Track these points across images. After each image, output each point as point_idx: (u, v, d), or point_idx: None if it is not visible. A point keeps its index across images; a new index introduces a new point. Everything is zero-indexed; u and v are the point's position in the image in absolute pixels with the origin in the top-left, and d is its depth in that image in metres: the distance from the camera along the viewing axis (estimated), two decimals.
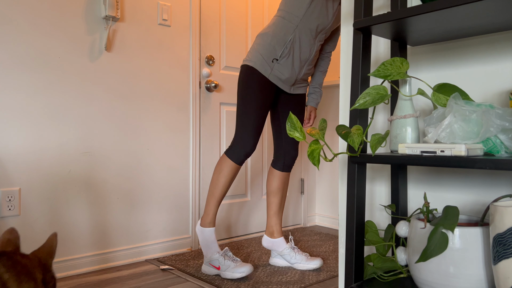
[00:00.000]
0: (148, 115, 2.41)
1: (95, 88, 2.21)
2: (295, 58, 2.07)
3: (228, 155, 2.06)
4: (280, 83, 2.09)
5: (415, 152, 1.01)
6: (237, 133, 2.05)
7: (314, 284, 1.96)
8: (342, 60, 1.52)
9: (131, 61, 2.34)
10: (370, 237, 1.20)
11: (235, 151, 2.04)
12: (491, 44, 1.18)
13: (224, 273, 2.02)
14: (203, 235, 2.09)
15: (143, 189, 2.38)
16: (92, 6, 2.20)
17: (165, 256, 2.43)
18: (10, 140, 1.95)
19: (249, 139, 2.03)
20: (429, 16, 1.01)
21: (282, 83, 2.10)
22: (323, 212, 3.31)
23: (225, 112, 2.78)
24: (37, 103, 2.03)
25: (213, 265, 2.06)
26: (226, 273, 2.02)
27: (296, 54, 2.07)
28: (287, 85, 2.13)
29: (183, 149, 2.56)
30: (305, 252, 2.37)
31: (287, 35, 2.04)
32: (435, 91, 1.09)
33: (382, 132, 1.45)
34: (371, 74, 1.08)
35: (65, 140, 2.11)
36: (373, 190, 1.46)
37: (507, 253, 0.86)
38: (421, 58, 1.33)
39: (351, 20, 1.49)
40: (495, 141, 0.97)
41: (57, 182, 2.08)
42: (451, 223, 0.94)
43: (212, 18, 2.71)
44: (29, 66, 2.00)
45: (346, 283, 1.13)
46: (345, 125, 1.11)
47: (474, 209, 1.21)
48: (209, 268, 2.09)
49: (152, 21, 2.42)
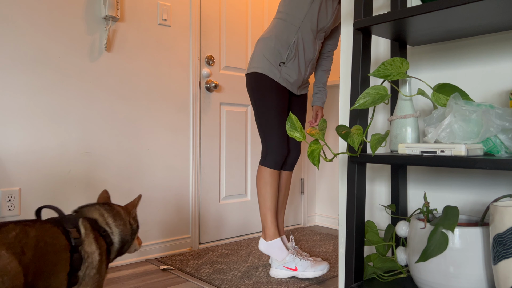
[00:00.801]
0: (148, 115, 2.41)
1: (95, 88, 2.21)
2: (300, 59, 2.07)
3: (266, 165, 2.06)
4: (289, 86, 2.09)
5: (415, 152, 1.01)
6: (267, 143, 2.05)
7: (314, 284, 1.96)
8: (342, 60, 1.52)
9: (131, 61, 2.34)
10: (370, 237, 1.20)
11: (271, 158, 2.05)
12: (491, 44, 1.18)
13: (303, 273, 1.99)
14: (272, 247, 2.05)
15: (143, 189, 2.38)
16: (92, 6, 2.20)
17: (165, 256, 2.43)
18: (10, 140, 1.95)
19: (281, 144, 2.04)
20: (429, 16, 1.01)
21: (291, 86, 2.10)
22: (323, 212, 3.31)
23: (225, 112, 2.78)
24: (37, 103, 2.03)
25: (288, 267, 2.02)
26: (306, 272, 1.99)
27: (301, 55, 2.07)
28: (295, 87, 2.14)
29: (183, 149, 2.56)
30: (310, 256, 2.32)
31: (290, 38, 2.04)
32: (435, 91, 1.09)
33: (382, 132, 1.45)
34: (371, 74, 1.08)
35: (65, 140, 2.11)
36: (373, 190, 1.46)
37: (507, 253, 0.86)
38: (421, 58, 1.33)
39: (351, 20, 1.49)
40: (495, 141, 0.97)
41: (57, 182, 2.08)
42: (451, 223, 0.94)
43: (212, 18, 2.71)
44: (29, 66, 2.00)
45: (346, 283, 1.13)
46: (345, 125, 1.11)
47: (474, 209, 1.21)
48: (282, 271, 2.03)
49: (152, 21, 2.42)
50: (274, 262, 2.06)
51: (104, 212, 1.25)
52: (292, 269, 2.01)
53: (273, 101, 2.02)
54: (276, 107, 2.03)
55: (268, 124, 2.03)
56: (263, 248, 2.08)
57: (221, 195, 2.76)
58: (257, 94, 2.05)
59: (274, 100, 2.02)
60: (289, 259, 2.02)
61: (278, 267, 2.04)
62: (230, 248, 2.57)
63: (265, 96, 2.02)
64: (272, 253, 2.05)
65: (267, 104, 2.02)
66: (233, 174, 2.81)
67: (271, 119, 2.03)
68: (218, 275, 2.08)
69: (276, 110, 2.03)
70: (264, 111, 2.03)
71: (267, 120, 2.03)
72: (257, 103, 2.05)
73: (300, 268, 2.00)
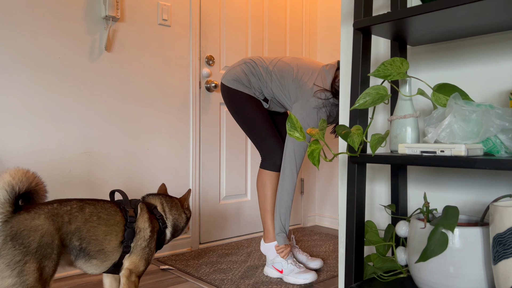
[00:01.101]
0: (148, 115, 2.41)
1: (95, 88, 2.21)
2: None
3: (265, 167, 2.08)
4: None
5: (415, 152, 1.01)
6: (261, 146, 2.09)
7: (314, 284, 1.96)
8: (342, 60, 1.52)
9: (131, 61, 2.34)
10: (370, 237, 1.20)
11: (270, 162, 2.07)
12: (491, 44, 1.18)
13: (287, 277, 2.00)
14: (269, 249, 2.08)
15: (143, 189, 2.38)
16: (92, 6, 2.20)
17: (165, 256, 2.43)
18: (10, 140, 1.95)
19: (275, 144, 2.08)
20: (429, 16, 1.01)
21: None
22: (323, 212, 3.31)
23: (225, 112, 2.78)
24: (37, 103, 2.03)
25: (275, 267, 2.04)
26: (289, 277, 1.99)
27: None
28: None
29: (183, 149, 2.56)
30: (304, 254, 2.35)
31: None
32: (435, 91, 1.09)
33: (382, 132, 1.45)
34: (371, 74, 1.08)
35: (65, 140, 2.11)
36: (373, 190, 1.46)
37: (507, 253, 0.86)
38: (421, 58, 1.33)
39: (351, 20, 1.49)
40: (495, 141, 0.97)
41: (57, 182, 2.08)
42: (451, 223, 0.94)
43: (212, 18, 2.71)
44: (29, 66, 2.00)
45: (346, 283, 1.13)
46: (345, 125, 1.11)
47: (474, 209, 1.21)
48: (271, 270, 2.06)
49: (152, 21, 2.42)
50: (267, 260, 2.10)
51: (164, 202, 1.53)
52: (278, 270, 2.03)
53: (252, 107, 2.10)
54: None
55: (253, 129, 2.10)
56: (263, 249, 2.12)
57: (221, 195, 2.76)
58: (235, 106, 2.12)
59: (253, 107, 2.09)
60: (278, 260, 2.04)
61: (268, 265, 2.08)
62: (230, 248, 2.57)
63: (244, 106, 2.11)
64: (267, 253, 2.09)
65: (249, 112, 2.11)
66: (233, 174, 2.81)
67: (257, 127, 2.09)
68: (218, 275, 2.08)
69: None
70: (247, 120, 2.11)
71: (252, 126, 2.09)
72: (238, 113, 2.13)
73: (285, 272, 2.01)
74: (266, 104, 2.13)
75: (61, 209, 1.24)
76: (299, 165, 2.00)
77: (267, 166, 2.08)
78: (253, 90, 2.09)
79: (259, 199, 2.11)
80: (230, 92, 2.09)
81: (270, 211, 2.08)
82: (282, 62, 2.08)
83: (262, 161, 2.11)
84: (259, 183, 2.11)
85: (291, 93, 2.02)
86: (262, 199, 2.09)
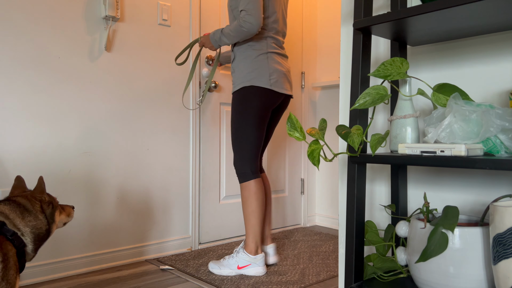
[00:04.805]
0: (148, 115, 2.41)
1: (95, 88, 2.21)
2: None
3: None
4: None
5: (415, 152, 1.01)
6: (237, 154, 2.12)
7: (314, 284, 1.96)
8: (342, 60, 1.52)
9: (131, 61, 2.34)
10: (370, 237, 1.20)
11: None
12: (491, 44, 1.18)
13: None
14: (241, 258, 2.11)
15: (143, 189, 2.38)
16: (92, 6, 2.20)
17: (165, 256, 2.43)
18: (10, 140, 1.95)
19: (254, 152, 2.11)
20: (429, 16, 1.01)
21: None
22: (323, 212, 3.31)
23: (225, 112, 2.78)
24: (37, 103, 2.03)
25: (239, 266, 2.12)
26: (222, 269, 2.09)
27: None
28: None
29: (183, 149, 2.56)
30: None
31: None
32: (435, 91, 1.09)
33: (382, 132, 1.45)
34: (371, 74, 1.08)
35: (65, 140, 2.11)
36: (373, 190, 1.46)
37: (507, 253, 0.87)
38: (421, 58, 1.33)
39: (351, 20, 1.49)
40: (495, 141, 0.97)
41: (57, 182, 2.08)
42: (451, 223, 0.94)
43: (212, 18, 2.70)
44: (29, 66, 2.00)
45: (346, 283, 1.13)
46: (345, 125, 1.11)
47: (474, 209, 1.21)
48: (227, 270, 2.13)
49: (152, 21, 2.42)
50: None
51: (11, 212, 1.15)
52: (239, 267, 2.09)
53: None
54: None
55: (241, 133, 2.11)
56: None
57: (221, 195, 2.76)
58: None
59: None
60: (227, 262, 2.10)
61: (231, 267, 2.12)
62: (230, 248, 2.57)
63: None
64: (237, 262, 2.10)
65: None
66: (233, 174, 2.81)
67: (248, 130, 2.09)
68: (218, 275, 2.08)
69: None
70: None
71: (242, 128, 2.11)
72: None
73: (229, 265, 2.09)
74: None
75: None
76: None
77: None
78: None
79: (244, 213, 2.14)
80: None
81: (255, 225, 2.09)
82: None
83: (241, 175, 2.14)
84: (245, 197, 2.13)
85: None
86: (247, 214, 2.12)
